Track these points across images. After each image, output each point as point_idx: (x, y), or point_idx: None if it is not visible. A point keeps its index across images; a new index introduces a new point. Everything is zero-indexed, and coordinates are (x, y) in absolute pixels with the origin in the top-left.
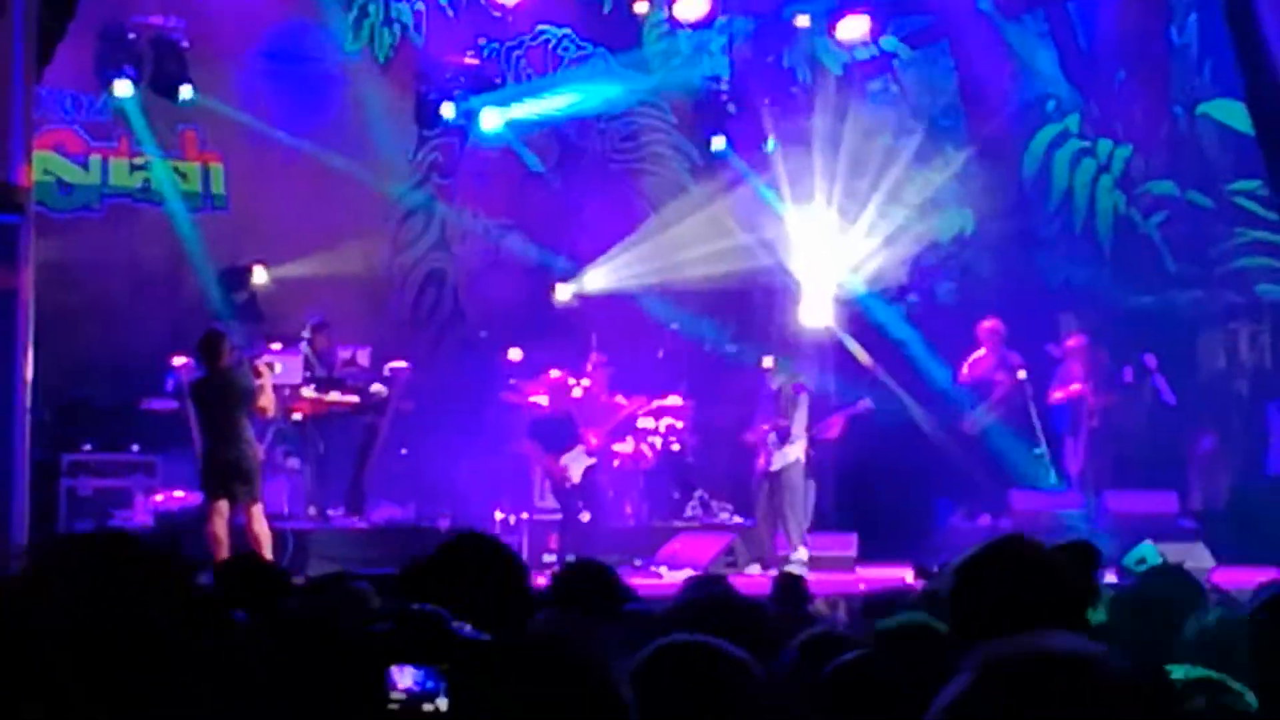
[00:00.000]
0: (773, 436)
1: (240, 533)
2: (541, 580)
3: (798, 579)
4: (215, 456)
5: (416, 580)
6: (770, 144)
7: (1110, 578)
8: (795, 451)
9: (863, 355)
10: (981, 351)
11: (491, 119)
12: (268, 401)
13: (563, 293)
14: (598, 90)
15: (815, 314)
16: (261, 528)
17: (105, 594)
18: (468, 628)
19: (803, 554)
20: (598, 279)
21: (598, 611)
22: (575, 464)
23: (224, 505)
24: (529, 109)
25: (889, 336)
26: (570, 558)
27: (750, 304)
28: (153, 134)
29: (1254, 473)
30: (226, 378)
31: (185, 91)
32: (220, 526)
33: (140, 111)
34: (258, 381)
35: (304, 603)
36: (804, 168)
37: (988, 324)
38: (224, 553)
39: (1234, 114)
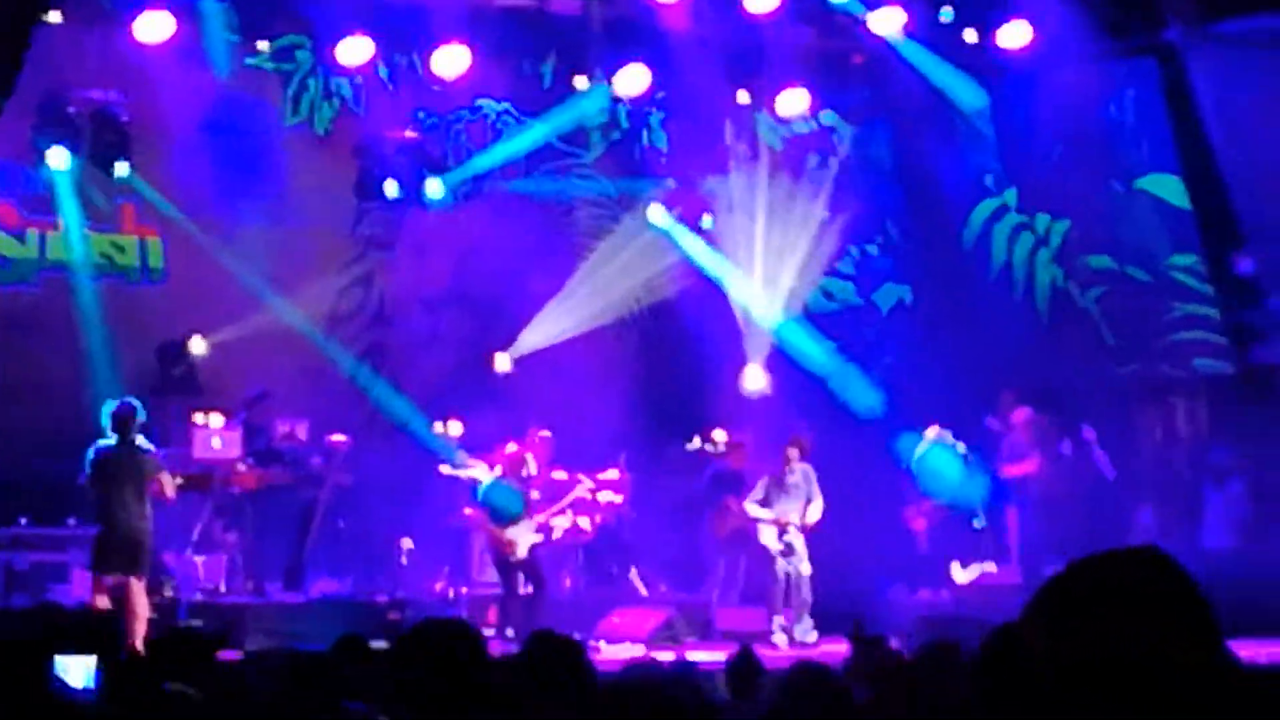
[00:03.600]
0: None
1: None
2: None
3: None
4: (115, 530)
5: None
6: (708, 220)
7: None
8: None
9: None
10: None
11: (435, 187)
12: (168, 481)
13: (502, 362)
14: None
15: (755, 380)
16: (144, 604)
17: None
18: None
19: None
20: (534, 337)
21: (563, 689)
22: (523, 538)
23: (109, 581)
24: (469, 170)
25: (835, 402)
26: (510, 632)
27: (691, 370)
28: (90, 207)
29: (1191, 546)
30: (133, 452)
31: (121, 169)
32: (104, 601)
33: (75, 184)
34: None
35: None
36: (741, 242)
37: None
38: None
39: (1171, 188)
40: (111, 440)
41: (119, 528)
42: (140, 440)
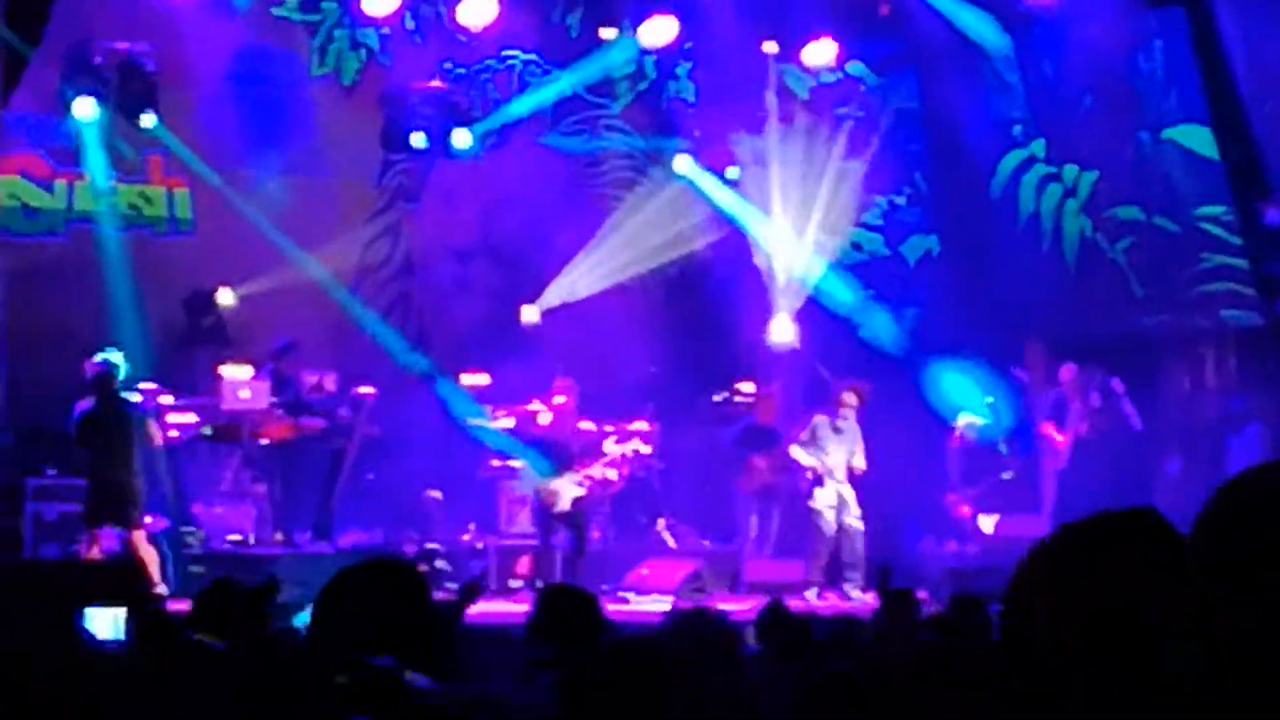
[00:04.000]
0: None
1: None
2: (508, 606)
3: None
4: (109, 484)
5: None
6: (734, 171)
7: None
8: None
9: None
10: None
11: (462, 138)
12: (154, 430)
13: (529, 314)
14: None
15: (783, 331)
16: (149, 552)
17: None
18: (421, 680)
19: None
20: (561, 290)
21: (577, 641)
22: (566, 490)
23: (102, 534)
24: (496, 121)
25: (861, 356)
26: (539, 584)
27: (718, 322)
28: (117, 157)
29: None
30: (113, 409)
31: (148, 120)
32: (96, 554)
33: (101, 134)
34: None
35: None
36: (768, 192)
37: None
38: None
39: (1199, 139)
40: (91, 399)
41: (104, 484)
42: (127, 394)
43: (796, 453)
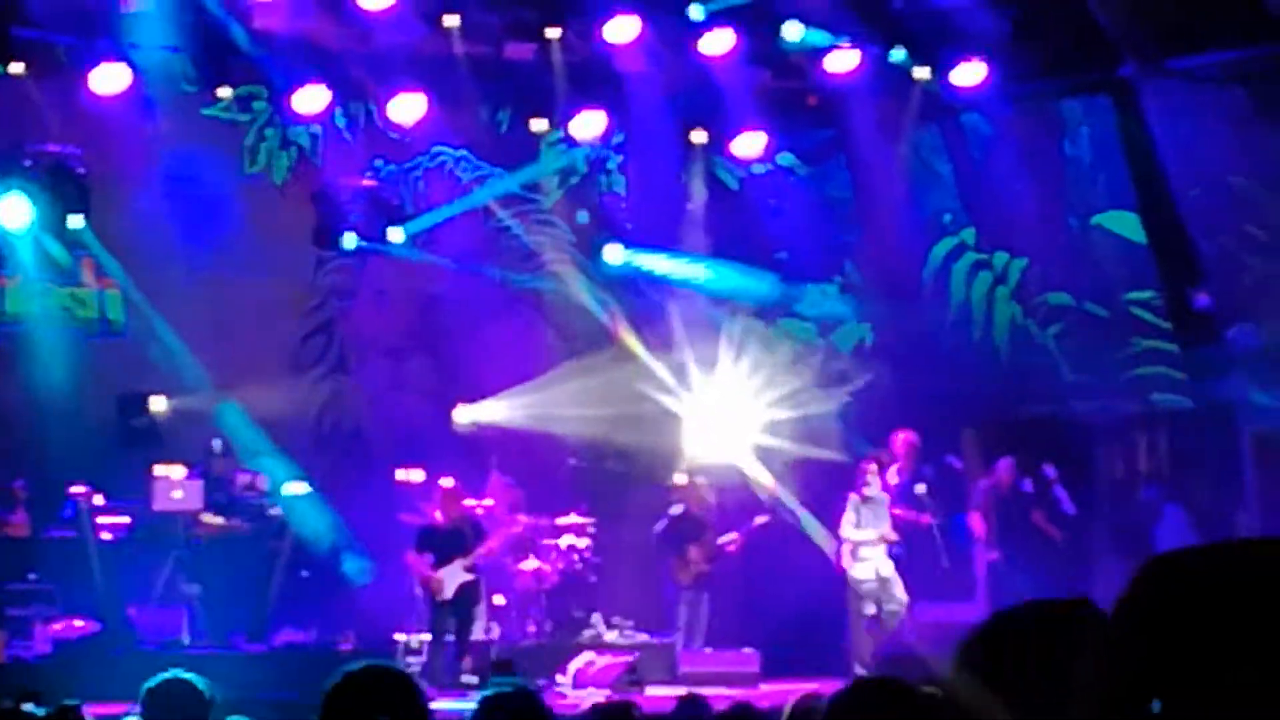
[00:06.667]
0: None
1: None
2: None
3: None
4: None
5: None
6: (664, 260)
7: None
8: None
9: (765, 479)
10: (896, 465)
11: (396, 235)
12: None
13: (463, 415)
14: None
15: (715, 446)
16: None
17: None
18: None
19: None
20: (497, 411)
21: None
22: (451, 578)
23: None
24: (429, 220)
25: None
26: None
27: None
28: (49, 260)
29: None
30: None
31: (75, 222)
32: None
33: (32, 237)
34: None
35: None
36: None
37: (903, 436)
38: None
39: (1128, 225)
40: None
41: None
42: None
43: (851, 534)
